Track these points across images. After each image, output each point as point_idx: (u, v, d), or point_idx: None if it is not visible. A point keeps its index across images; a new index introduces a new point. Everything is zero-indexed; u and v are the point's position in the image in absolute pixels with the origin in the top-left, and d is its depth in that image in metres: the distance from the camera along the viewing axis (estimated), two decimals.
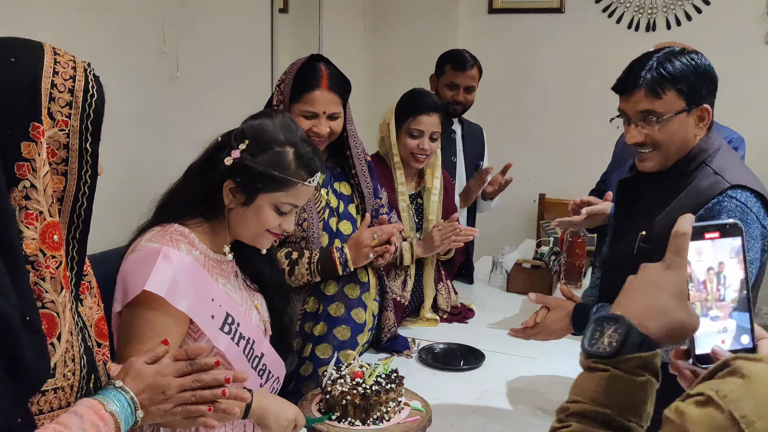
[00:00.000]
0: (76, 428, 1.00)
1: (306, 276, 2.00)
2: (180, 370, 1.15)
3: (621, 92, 1.64)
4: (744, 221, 1.46)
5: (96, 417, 1.04)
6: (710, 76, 1.58)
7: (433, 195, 2.56)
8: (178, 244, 1.49)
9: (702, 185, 1.55)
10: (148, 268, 1.41)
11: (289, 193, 1.53)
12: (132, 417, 1.10)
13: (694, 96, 1.56)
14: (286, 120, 1.58)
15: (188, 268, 1.47)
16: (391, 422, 1.58)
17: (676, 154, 1.61)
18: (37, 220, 1.00)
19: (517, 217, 4.47)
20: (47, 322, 1.01)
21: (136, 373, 1.13)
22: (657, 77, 1.56)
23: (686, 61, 1.56)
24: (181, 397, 1.14)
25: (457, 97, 3.11)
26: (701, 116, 1.58)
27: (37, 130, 1.00)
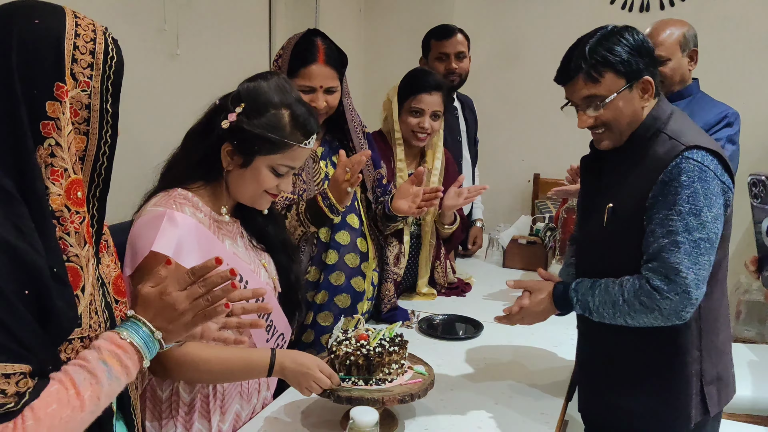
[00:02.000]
0: (94, 360, 1.03)
1: (298, 228, 2.02)
2: (183, 282, 1.13)
3: (560, 82, 1.66)
4: (703, 180, 1.50)
5: (114, 346, 1.05)
6: (645, 50, 1.60)
7: (432, 175, 2.59)
8: (182, 207, 1.53)
9: (660, 152, 1.58)
10: (154, 231, 1.46)
11: (285, 155, 1.57)
12: (153, 341, 1.10)
13: (632, 72, 1.58)
14: (281, 81, 1.61)
15: (193, 230, 1.51)
16: (394, 383, 1.63)
17: (629, 128, 1.64)
18: (62, 177, 1.04)
19: (512, 197, 4.52)
20: (72, 274, 1.05)
21: (142, 300, 1.12)
22: (592, 62, 1.58)
23: (617, 41, 1.58)
24: (195, 305, 1.12)
25: (449, 66, 3.07)
26: (644, 88, 1.61)
27: (61, 90, 1.03)
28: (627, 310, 1.56)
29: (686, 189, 1.51)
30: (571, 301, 1.67)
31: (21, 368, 0.95)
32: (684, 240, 1.50)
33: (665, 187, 1.53)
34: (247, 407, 1.70)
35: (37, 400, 0.96)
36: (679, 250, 1.50)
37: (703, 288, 1.53)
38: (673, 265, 1.50)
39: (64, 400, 0.98)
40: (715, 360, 1.67)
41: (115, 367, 1.04)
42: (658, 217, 1.54)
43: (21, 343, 0.95)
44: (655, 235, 1.54)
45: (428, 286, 2.67)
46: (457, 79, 3.12)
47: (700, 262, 1.51)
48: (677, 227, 1.51)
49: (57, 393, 0.98)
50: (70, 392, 0.99)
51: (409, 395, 1.60)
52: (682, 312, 1.52)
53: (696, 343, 1.63)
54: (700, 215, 1.51)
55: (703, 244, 1.51)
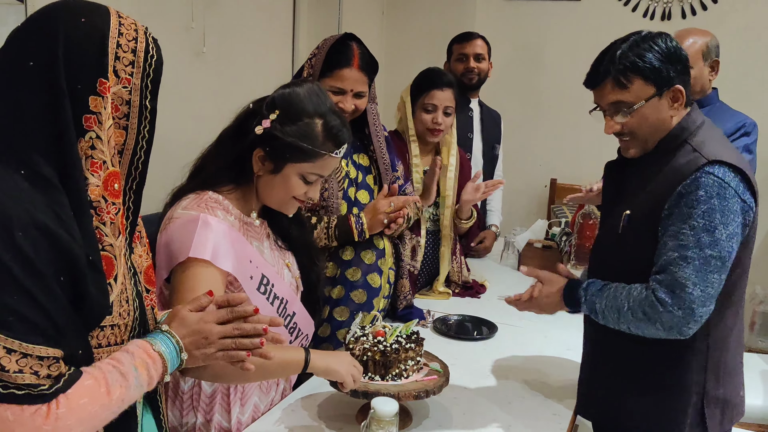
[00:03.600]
0: (128, 364, 1.09)
1: (324, 240, 2.09)
2: (221, 318, 1.23)
3: (589, 86, 1.65)
4: (722, 196, 1.48)
5: (145, 355, 1.12)
6: (677, 57, 1.57)
7: (449, 171, 2.65)
8: (214, 210, 1.56)
9: (680, 163, 1.56)
10: (189, 236, 1.49)
11: (315, 164, 1.59)
12: (177, 359, 1.18)
13: (663, 80, 1.56)
14: (314, 89, 1.62)
15: (226, 233, 1.55)
16: (410, 379, 1.66)
17: (655, 137, 1.62)
18: (101, 169, 1.08)
19: (528, 201, 4.55)
20: (106, 263, 1.09)
21: (181, 320, 1.21)
22: (621, 68, 1.56)
23: (649, 47, 1.56)
24: (222, 344, 1.21)
25: (468, 65, 3.23)
26: (674, 97, 1.58)
27: (104, 86, 1.08)
28: (630, 318, 1.56)
29: (703, 204, 1.49)
30: (579, 300, 1.67)
31: (55, 353, 0.99)
32: (694, 255, 1.49)
33: (682, 200, 1.51)
34: (265, 399, 1.74)
35: (71, 390, 1.01)
36: (688, 266, 1.49)
37: (710, 306, 1.51)
38: (680, 280, 1.49)
39: (96, 396, 1.03)
40: (723, 381, 1.64)
41: (143, 375, 1.10)
42: (672, 229, 1.53)
43: (56, 328, 0.99)
44: (666, 247, 1.53)
45: (444, 285, 2.72)
46: (476, 78, 3.23)
47: (708, 279, 1.49)
48: (689, 242, 1.49)
49: (90, 388, 1.03)
50: (102, 390, 1.04)
51: (424, 391, 1.63)
52: (684, 327, 1.50)
53: (701, 361, 1.61)
54: (714, 232, 1.48)
55: (714, 262, 1.49)
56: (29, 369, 0.97)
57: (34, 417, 0.97)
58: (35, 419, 0.97)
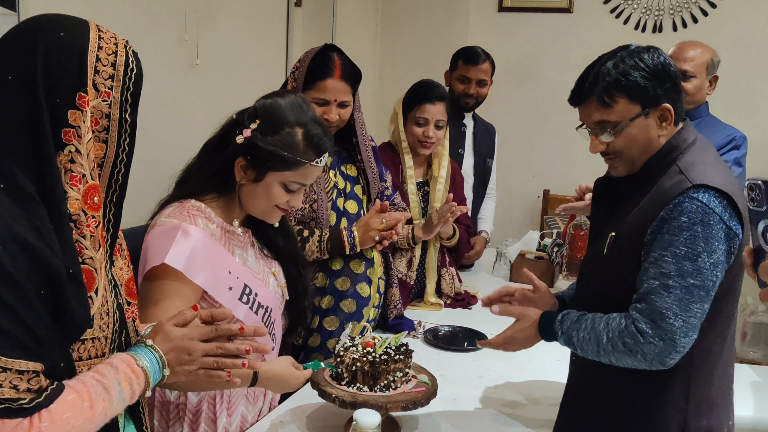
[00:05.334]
0: (111, 378, 1.09)
1: (316, 253, 2.11)
2: (206, 334, 1.23)
3: (573, 104, 1.60)
4: (706, 223, 1.42)
5: (129, 370, 1.12)
6: (665, 74, 1.51)
7: (438, 183, 2.67)
8: (195, 219, 1.58)
9: (666, 185, 1.49)
10: (168, 243, 1.51)
11: (297, 173, 1.61)
12: (159, 374, 1.19)
13: (649, 98, 1.50)
14: (297, 100, 1.64)
15: (205, 244, 1.56)
16: (398, 390, 1.66)
17: (643, 157, 1.56)
18: (80, 182, 1.09)
19: (521, 212, 4.56)
20: (86, 276, 1.09)
21: (165, 335, 1.21)
22: (605, 86, 1.50)
23: (635, 64, 1.50)
24: (203, 361, 1.22)
25: (468, 90, 3.22)
26: (662, 116, 1.52)
27: (83, 100, 1.08)
28: (611, 350, 1.49)
29: (685, 231, 1.42)
30: (555, 333, 1.62)
31: (35, 366, 0.99)
32: (676, 285, 1.43)
33: (664, 226, 1.45)
34: (252, 410, 1.74)
35: (54, 404, 1.00)
36: (669, 295, 1.43)
37: (693, 336, 1.45)
38: (660, 310, 1.44)
39: (79, 410, 1.03)
40: (705, 412, 1.56)
41: (126, 389, 1.11)
42: (654, 255, 1.46)
43: (37, 341, 0.99)
44: (648, 274, 1.47)
45: (435, 296, 2.72)
46: (472, 102, 3.25)
47: (690, 309, 1.43)
48: (670, 270, 1.43)
49: (73, 402, 1.03)
50: (85, 404, 1.04)
51: (411, 402, 1.63)
52: (666, 358, 1.45)
53: (683, 392, 1.53)
54: (697, 260, 1.42)
55: (697, 291, 1.43)
56: (8, 383, 0.97)
57: (15, 431, 0.97)
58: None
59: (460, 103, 3.23)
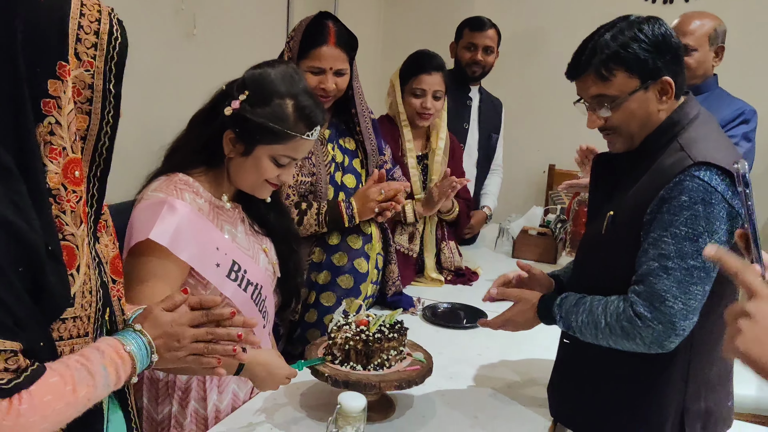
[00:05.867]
0: (97, 362, 1.06)
1: (314, 226, 2.06)
2: (195, 320, 1.19)
3: (570, 78, 1.55)
4: (707, 202, 1.37)
5: (116, 355, 1.09)
6: (666, 46, 1.45)
7: (437, 155, 2.63)
8: (182, 193, 1.54)
9: (666, 163, 1.44)
10: (153, 218, 1.47)
11: (287, 146, 1.56)
12: (147, 359, 1.15)
13: (648, 71, 1.45)
14: (288, 70, 1.59)
15: (192, 219, 1.52)
16: (392, 369, 1.64)
17: (642, 132, 1.51)
18: (60, 156, 1.04)
19: (526, 187, 4.50)
20: (67, 253, 1.05)
21: (153, 319, 1.17)
22: (603, 59, 1.45)
23: (634, 35, 1.44)
24: (193, 347, 1.19)
25: (475, 57, 3.16)
26: (662, 90, 1.47)
27: (64, 69, 1.04)
28: (609, 333, 1.47)
29: (686, 210, 1.38)
30: (555, 317, 1.59)
31: (12, 345, 0.96)
32: (675, 266, 1.39)
33: (664, 205, 1.41)
34: (244, 387, 1.72)
35: (35, 386, 0.97)
36: (669, 277, 1.39)
37: (693, 318, 1.42)
38: (659, 293, 1.40)
39: (61, 394, 1.00)
40: (705, 394, 1.54)
41: (111, 374, 1.07)
42: (653, 236, 1.42)
43: (15, 320, 0.96)
44: (647, 256, 1.43)
45: (436, 271, 2.69)
46: (479, 71, 3.18)
47: (690, 291, 1.39)
48: (669, 251, 1.39)
49: (55, 386, 0.99)
50: (68, 388, 1.01)
51: (405, 381, 1.61)
52: (665, 342, 1.42)
53: (682, 374, 1.51)
54: (698, 241, 1.38)
55: (697, 273, 1.39)
56: None
57: None
58: None
59: (466, 73, 3.17)
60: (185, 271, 1.52)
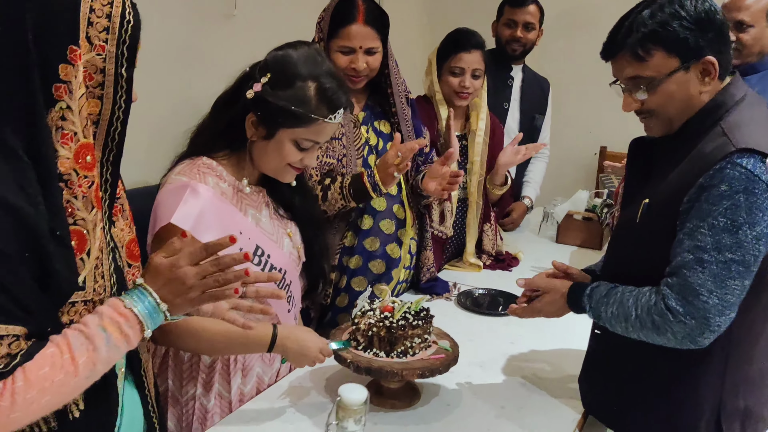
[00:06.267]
0: (94, 325, 1.04)
1: (340, 200, 2.00)
2: (196, 257, 1.13)
3: (605, 58, 1.47)
4: (750, 191, 1.28)
5: (116, 314, 1.06)
6: (708, 22, 1.36)
7: (477, 137, 2.56)
8: (205, 177, 1.53)
9: (707, 149, 1.36)
10: (176, 202, 1.46)
11: (309, 129, 1.53)
12: (157, 312, 1.11)
13: (689, 51, 1.36)
14: (311, 52, 1.56)
15: (215, 203, 1.51)
16: (415, 357, 1.61)
17: (682, 116, 1.43)
18: (72, 141, 1.05)
19: (576, 170, 4.37)
20: (78, 238, 1.06)
21: (153, 269, 1.13)
22: (639, 38, 1.37)
23: (675, 12, 1.36)
24: (203, 284, 1.12)
25: (515, 34, 3.08)
26: (705, 70, 1.38)
27: (75, 53, 1.04)
28: (639, 327, 1.40)
29: (726, 200, 1.30)
30: (584, 307, 1.54)
31: (15, 330, 0.96)
32: (711, 259, 1.31)
33: (703, 194, 1.33)
34: (269, 371, 1.72)
35: (30, 362, 0.97)
36: (704, 270, 1.32)
37: (730, 314, 1.34)
38: (693, 286, 1.33)
39: (58, 364, 0.99)
40: (744, 392, 1.46)
41: (114, 334, 1.05)
42: (689, 226, 1.35)
43: (20, 305, 0.97)
44: (682, 246, 1.36)
45: (475, 256, 2.64)
46: (520, 49, 3.09)
47: (727, 285, 1.31)
48: (706, 243, 1.32)
49: (51, 356, 0.99)
50: (65, 357, 1.00)
51: (428, 370, 1.58)
52: (698, 338, 1.35)
53: (719, 370, 1.43)
54: (737, 233, 1.30)
55: (735, 267, 1.31)
56: None
57: None
58: None
59: (507, 51, 3.09)
60: None
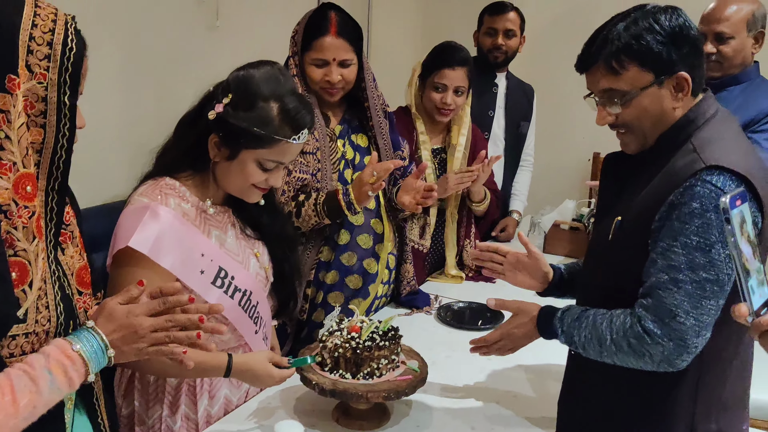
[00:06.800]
0: (40, 367, 1.02)
1: (313, 217, 1.98)
2: (152, 309, 1.13)
3: (579, 70, 1.46)
4: (719, 209, 1.31)
5: (63, 356, 1.05)
6: (684, 38, 1.35)
7: (457, 152, 2.55)
8: (167, 198, 1.51)
9: (677, 165, 1.34)
10: (135, 224, 1.44)
11: (272, 150, 1.51)
12: (103, 356, 1.10)
13: (663, 65, 1.35)
14: (273, 72, 1.54)
15: (175, 225, 1.49)
16: (382, 378, 1.59)
17: (655, 131, 1.41)
18: (11, 171, 1.03)
19: (570, 176, 4.34)
20: (19, 269, 1.05)
21: (107, 314, 1.12)
22: (614, 50, 1.36)
23: (649, 26, 1.35)
24: (154, 337, 1.13)
25: (496, 41, 3.06)
26: (678, 85, 1.37)
27: (13, 83, 1.02)
28: (614, 351, 1.37)
29: (697, 219, 1.27)
30: (555, 332, 1.50)
31: None
32: (686, 279, 1.29)
33: (674, 211, 1.30)
34: (237, 392, 1.70)
35: None
36: (679, 291, 1.29)
37: (706, 335, 1.31)
38: (669, 307, 1.30)
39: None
40: (716, 415, 1.42)
41: (59, 377, 1.03)
42: (662, 245, 1.32)
43: None
44: (655, 266, 1.33)
45: (457, 268, 2.62)
46: (502, 57, 3.06)
47: (703, 305, 1.29)
48: (680, 263, 1.29)
49: None
50: (6, 398, 0.98)
51: (394, 392, 1.56)
52: (675, 360, 1.32)
53: (690, 392, 1.40)
54: (710, 252, 1.27)
55: (710, 286, 1.28)
56: None
57: None
58: None
59: (489, 59, 3.07)
60: (169, 279, 1.49)
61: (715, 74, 2.35)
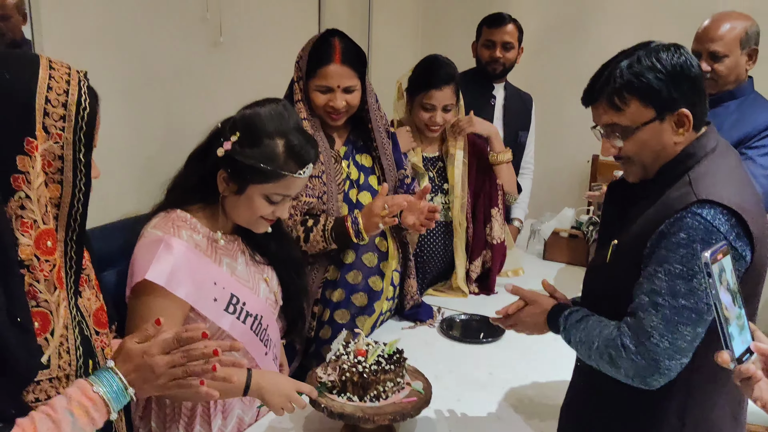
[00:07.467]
0: (62, 410, 1.08)
1: (321, 242, 2.05)
2: (167, 347, 1.18)
3: (585, 104, 1.52)
4: (706, 242, 1.32)
5: (84, 398, 1.10)
6: (684, 76, 1.41)
7: (456, 160, 2.58)
8: (179, 231, 1.58)
9: (672, 197, 1.41)
10: (150, 257, 1.52)
11: (278, 185, 1.58)
12: (124, 395, 1.15)
13: (664, 103, 1.41)
14: (278, 108, 1.60)
15: (188, 256, 1.56)
16: (388, 401, 1.65)
17: (656, 164, 1.47)
18: (31, 228, 1.09)
19: (569, 178, 4.38)
20: (41, 319, 1.11)
21: (125, 354, 1.17)
22: (616, 87, 1.42)
23: (651, 64, 1.40)
24: (171, 373, 1.16)
25: (494, 54, 3.09)
26: (679, 121, 1.42)
27: (31, 145, 1.08)
28: (597, 356, 1.46)
29: (683, 248, 1.34)
30: (559, 328, 1.59)
31: None
32: (665, 303, 1.35)
33: (662, 240, 1.37)
34: (249, 411, 1.77)
35: None
36: (657, 314, 1.36)
37: (681, 359, 1.37)
38: (646, 328, 1.37)
39: None
40: None
41: (81, 418, 1.09)
42: (648, 270, 1.39)
43: None
44: (641, 289, 1.40)
45: (464, 282, 2.65)
46: (500, 68, 3.09)
47: (678, 331, 1.35)
48: (661, 287, 1.36)
49: None
50: None
51: (400, 414, 1.62)
52: (648, 378, 1.38)
53: (678, 411, 1.47)
54: (692, 281, 1.34)
55: (687, 313, 1.34)
56: None
57: None
58: None
59: (487, 71, 3.10)
60: (185, 308, 1.57)
61: (711, 92, 2.39)
